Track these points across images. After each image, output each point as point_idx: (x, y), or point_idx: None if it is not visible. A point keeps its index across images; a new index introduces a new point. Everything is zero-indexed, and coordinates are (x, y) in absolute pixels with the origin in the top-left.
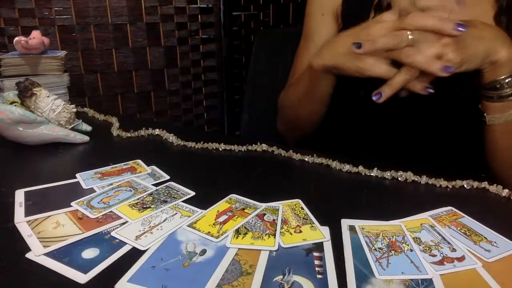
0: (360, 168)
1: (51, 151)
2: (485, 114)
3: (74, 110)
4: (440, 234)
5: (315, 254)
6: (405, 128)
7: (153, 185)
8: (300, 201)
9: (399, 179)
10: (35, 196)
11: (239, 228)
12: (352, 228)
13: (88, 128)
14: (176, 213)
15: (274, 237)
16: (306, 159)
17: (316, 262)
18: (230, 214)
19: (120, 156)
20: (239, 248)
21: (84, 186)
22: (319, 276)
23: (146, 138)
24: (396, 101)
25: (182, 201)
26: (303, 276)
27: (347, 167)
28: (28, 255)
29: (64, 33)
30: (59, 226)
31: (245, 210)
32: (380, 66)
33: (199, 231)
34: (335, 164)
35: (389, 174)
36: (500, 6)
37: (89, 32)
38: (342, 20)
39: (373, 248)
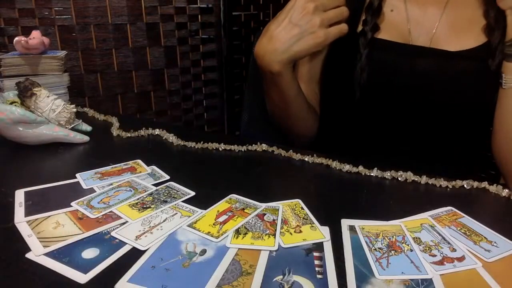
0: (360, 168)
1: (51, 151)
2: (503, 75)
3: (74, 110)
4: (440, 234)
5: (315, 254)
6: (404, 130)
7: (153, 185)
8: (300, 201)
9: (399, 179)
10: (35, 196)
11: (239, 228)
12: (352, 228)
13: (88, 128)
14: (176, 213)
15: (274, 237)
16: (306, 159)
17: (316, 262)
18: (230, 214)
19: (120, 156)
20: (239, 248)
21: (84, 186)
22: (319, 276)
23: (146, 138)
24: (395, 102)
25: (182, 201)
26: (303, 276)
27: (347, 167)
28: (28, 255)
29: (64, 33)
30: (59, 226)
31: (245, 210)
32: (330, 31)
33: (199, 231)
34: (335, 164)
35: (389, 174)
36: (488, 1)
37: (89, 32)
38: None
39: (373, 248)
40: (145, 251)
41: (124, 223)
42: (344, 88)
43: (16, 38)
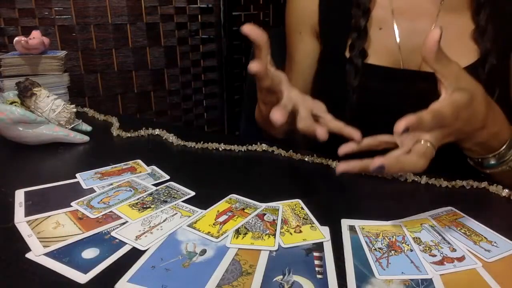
0: None
1: (51, 151)
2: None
3: (74, 110)
4: (440, 234)
5: (315, 254)
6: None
7: (153, 185)
8: (300, 201)
9: (399, 179)
10: (35, 196)
11: (239, 228)
12: (352, 228)
13: (88, 128)
14: (176, 213)
15: (274, 237)
16: (306, 159)
17: (316, 262)
18: (230, 214)
19: (120, 156)
20: (239, 248)
21: (84, 186)
22: (319, 276)
23: (146, 138)
24: (388, 121)
25: (182, 201)
26: (303, 276)
27: None
28: (28, 255)
29: (64, 33)
30: (59, 226)
31: (245, 210)
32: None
33: (199, 231)
34: (335, 164)
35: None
36: (478, 3)
37: (89, 32)
38: (321, 40)
39: (373, 248)
40: (145, 251)
41: (124, 223)
42: (335, 105)
43: (16, 38)
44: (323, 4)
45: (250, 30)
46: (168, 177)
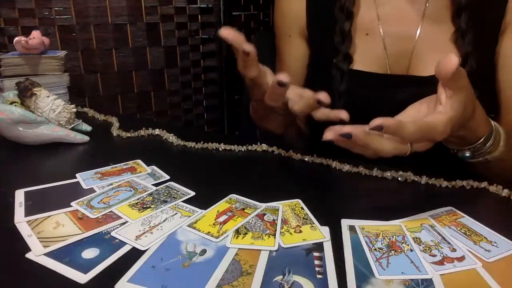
0: (360, 168)
1: (51, 151)
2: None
3: (74, 110)
4: (440, 234)
5: (315, 254)
6: None
7: (153, 185)
8: (300, 201)
9: (399, 179)
10: (35, 196)
11: (239, 228)
12: (352, 228)
13: (88, 128)
14: (176, 213)
15: (274, 237)
16: (306, 159)
17: (316, 262)
18: (230, 214)
19: (120, 156)
20: (239, 248)
21: (84, 186)
22: (319, 276)
23: (146, 138)
24: (383, 110)
25: (182, 201)
26: (303, 276)
27: (347, 167)
28: (28, 255)
29: (64, 33)
30: (59, 226)
31: (245, 210)
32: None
33: (199, 231)
34: (335, 164)
35: (389, 174)
36: (459, 5)
37: (89, 32)
38: (309, 45)
39: (373, 248)
40: (145, 251)
41: (124, 223)
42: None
43: (16, 38)
44: (311, 8)
45: (228, 34)
46: (168, 177)
